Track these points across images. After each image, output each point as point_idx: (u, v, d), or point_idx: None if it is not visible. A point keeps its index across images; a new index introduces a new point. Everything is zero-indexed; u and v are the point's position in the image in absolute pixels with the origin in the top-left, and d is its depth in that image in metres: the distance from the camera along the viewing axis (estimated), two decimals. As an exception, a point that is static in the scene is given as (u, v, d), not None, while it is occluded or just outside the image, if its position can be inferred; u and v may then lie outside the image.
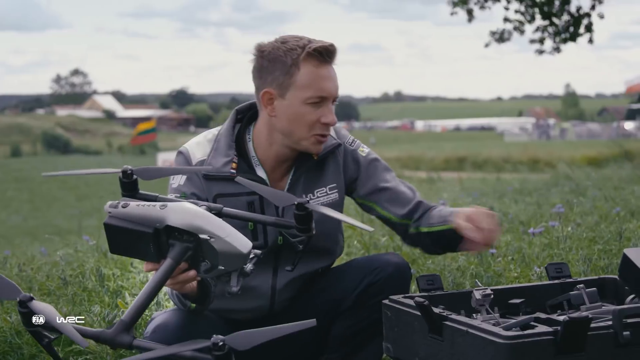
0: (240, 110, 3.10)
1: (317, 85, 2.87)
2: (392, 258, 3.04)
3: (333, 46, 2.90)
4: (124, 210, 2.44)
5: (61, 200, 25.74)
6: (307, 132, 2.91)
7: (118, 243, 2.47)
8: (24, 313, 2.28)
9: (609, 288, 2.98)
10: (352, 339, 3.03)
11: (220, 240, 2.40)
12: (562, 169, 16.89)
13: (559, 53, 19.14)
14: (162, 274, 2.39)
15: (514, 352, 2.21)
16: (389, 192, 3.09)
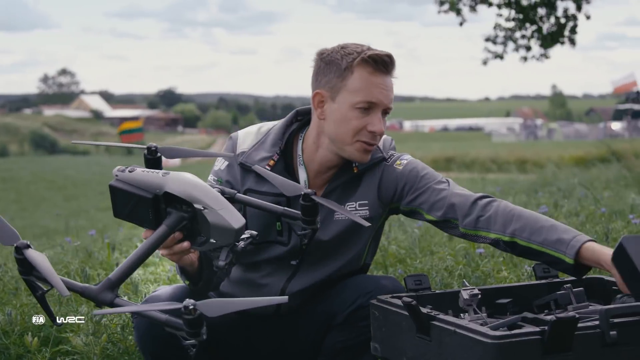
0: (300, 112, 3.10)
1: (368, 91, 2.85)
2: (387, 284, 2.98)
3: (391, 57, 2.89)
4: (130, 175, 2.49)
5: (49, 201, 25.66)
6: (351, 138, 2.89)
7: (121, 207, 2.51)
8: (20, 260, 2.30)
9: (596, 288, 2.99)
10: (342, 353, 3.03)
11: (213, 212, 2.42)
12: (549, 170, 16.92)
13: (547, 59, 19.15)
14: (156, 239, 2.43)
15: (501, 352, 2.21)
16: (429, 195, 2.99)
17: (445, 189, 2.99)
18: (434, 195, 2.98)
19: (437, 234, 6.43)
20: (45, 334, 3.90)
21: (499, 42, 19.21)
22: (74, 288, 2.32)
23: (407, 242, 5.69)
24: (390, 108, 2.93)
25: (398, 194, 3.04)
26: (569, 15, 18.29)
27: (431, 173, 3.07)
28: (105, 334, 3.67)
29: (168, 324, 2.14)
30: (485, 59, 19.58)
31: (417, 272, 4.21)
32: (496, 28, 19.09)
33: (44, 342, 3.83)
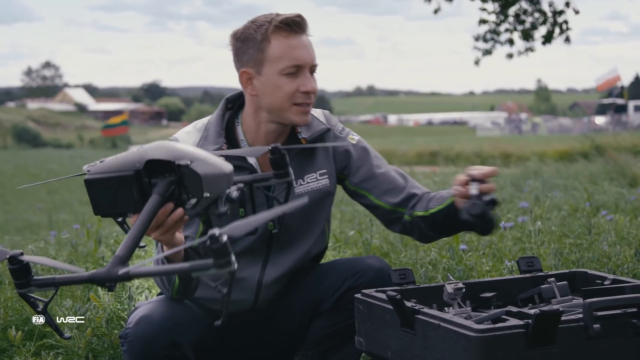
0: (230, 99, 3.12)
1: (289, 55, 2.89)
2: (374, 263, 3.02)
3: (300, 16, 2.93)
4: (102, 165, 2.45)
5: (32, 194, 25.52)
6: (288, 103, 2.92)
7: (101, 200, 2.44)
8: (16, 270, 2.21)
9: (579, 281, 3.01)
10: (329, 340, 3.03)
11: (202, 162, 2.40)
12: (533, 164, 16.96)
13: (532, 52, 19.14)
14: (150, 209, 2.38)
15: (485, 346, 2.22)
16: (382, 180, 3.09)
17: (400, 178, 3.10)
18: (387, 182, 3.08)
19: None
20: (29, 327, 3.89)
21: (488, 39, 19.19)
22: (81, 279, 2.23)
23: (392, 236, 5.69)
24: (315, 65, 2.96)
25: (349, 167, 3.11)
26: (556, 10, 18.27)
27: (383, 160, 3.17)
28: (90, 328, 3.66)
29: (194, 269, 2.11)
30: (477, 59, 19.57)
31: (401, 266, 4.22)
32: (481, 23, 19.07)
33: (28, 336, 3.82)
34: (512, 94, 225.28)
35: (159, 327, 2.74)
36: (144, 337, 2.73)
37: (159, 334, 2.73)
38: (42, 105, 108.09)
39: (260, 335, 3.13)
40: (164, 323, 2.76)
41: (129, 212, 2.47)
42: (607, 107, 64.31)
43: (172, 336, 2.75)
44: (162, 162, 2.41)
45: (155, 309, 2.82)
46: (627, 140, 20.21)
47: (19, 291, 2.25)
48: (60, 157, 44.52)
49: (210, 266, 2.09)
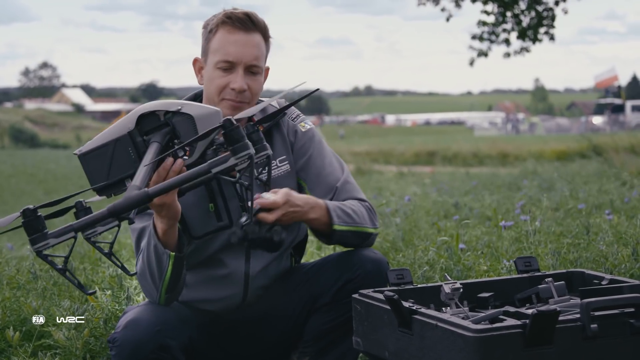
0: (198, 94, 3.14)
1: (224, 49, 2.92)
2: (369, 254, 3.01)
3: (249, 15, 2.94)
4: (92, 140, 2.51)
5: (29, 194, 25.47)
6: (217, 97, 2.95)
7: (97, 171, 2.48)
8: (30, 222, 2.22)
9: (577, 281, 3.01)
10: (328, 335, 3.02)
11: (191, 105, 2.48)
12: (530, 164, 16.98)
13: (528, 52, 19.18)
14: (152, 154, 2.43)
15: (482, 346, 2.22)
16: (316, 173, 3.07)
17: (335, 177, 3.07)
18: (321, 176, 3.06)
19: (421, 227, 6.45)
20: (27, 328, 3.89)
21: (485, 39, 19.21)
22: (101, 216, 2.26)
23: (391, 236, 5.70)
24: (253, 65, 2.95)
25: (295, 152, 3.10)
26: (548, 8, 18.31)
27: (330, 154, 3.14)
28: (88, 329, 3.66)
29: (214, 165, 2.22)
30: (472, 59, 19.58)
31: (399, 266, 4.23)
32: (479, 24, 19.10)
33: (25, 337, 3.82)
34: (510, 93, 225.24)
35: (146, 330, 2.74)
36: (132, 341, 2.73)
37: (147, 337, 2.73)
38: (40, 105, 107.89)
39: (254, 335, 3.12)
40: (152, 326, 2.76)
41: (128, 178, 2.48)
42: (604, 107, 64.34)
43: (160, 339, 2.75)
44: (152, 121, 2.46)
45: (143, 312, 2.82)
46: (624, 140, 20.22)
47: (36, 248, 2.23)
48: (57, 157, 44.43)
49: (229, 156, 2.12)
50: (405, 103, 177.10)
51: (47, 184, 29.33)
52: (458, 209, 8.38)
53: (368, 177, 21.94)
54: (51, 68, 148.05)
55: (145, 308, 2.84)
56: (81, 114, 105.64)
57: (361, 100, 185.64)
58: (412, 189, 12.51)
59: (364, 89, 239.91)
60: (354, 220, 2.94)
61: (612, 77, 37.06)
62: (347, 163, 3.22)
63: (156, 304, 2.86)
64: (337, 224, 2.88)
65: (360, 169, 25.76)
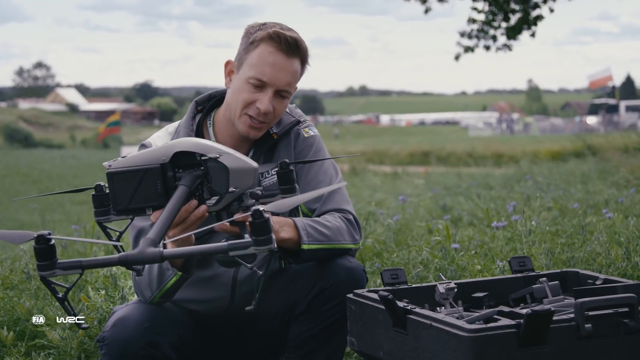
0: (199, 102, 3.14)
1: (261, 68, 2.88)
2: (345, 263, 2.95)
3: (296, 40, 2.90)
4: (125, 159, 2.47)
5: (23, 194, 25.45)
6: (240, 110, 2.92)
7: (122, 194, 2.45)
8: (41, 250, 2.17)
9: (571, 281, 3.01)
10: (309, 342, 3.00)
11: (231, 156, 2.44)
12: (525, 164, 17.00)
13: (510, 50, 19.24)
14: (178, 198, 2.39)
15: (477, 345, 2.22)
16: (308, 178, 3.06)
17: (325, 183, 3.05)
18: (312, 184, 3.04)
19: (414, 227, 6.45)
20: (20, 328, 3.88)
21: (473, 36, 19.25)
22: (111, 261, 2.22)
23: (384, 236, 5.70)
24: (285, 91, 2.93)
25: (295, 157, 3.09)
26: (533, 5, 18.34)
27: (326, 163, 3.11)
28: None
29: (233, 248, 2.13)
30: (458, 53, 19.63)
31: (393, 266, 4.23)
32: (470, 22, 19.14)
33: (19, 337, 3.81)
34: (504, 94, 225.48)
35: (135, 327, 2.74)
36: (121, 338, 2.72)
37: (136, 334, 2.73)
38: (34, 105, 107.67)
39: (241, 336, 3.12)
40: (141, 323, 2.75)
41: (149, 207, 2.47)
42: (599, 107, 64.44)
43: (149, 336, 2.74)
44: (187, 158, 2.44)
45: (132, 310, 2.81)
46: (618, 141, 20.25)
47: (42, 274, 2.21)
48: (51, 157, 44.39)
49: (250, 244, 2.11)
50: (399, 103, 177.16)
51: (42, 183, 29.30)
52: (448, 209, 8.39)
53: (362, 177, 21.94)
54: (45, 68, 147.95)
55: (134, 306, 2.84)
56: (75, 113, 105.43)
57: (356, 100, 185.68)
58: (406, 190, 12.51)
59: (358, 89, 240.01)
60: (327, 237, 2.88)
61: (606, 77, 37.08)
62: (341, 163, 3.21)
63: (146, 304, 2.86)
64: (307, 243, 2.83)
65: (355, 169, 25.78)
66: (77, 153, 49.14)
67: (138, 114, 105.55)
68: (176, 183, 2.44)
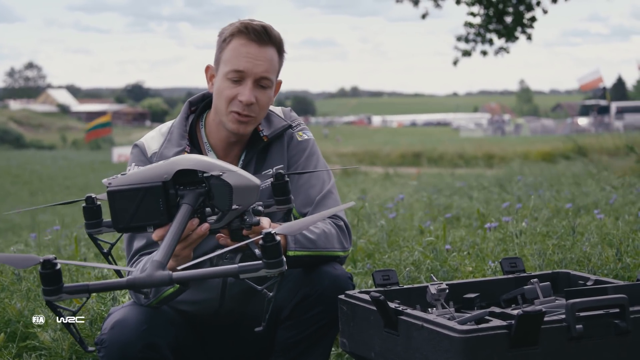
0: (193, 102, 3.13)
1: (235, 60, 2.88)
2: (329, 270, 2.92)
3: (265, 28, 2.90)
4: (125, 177, 2.45)
5: (14, 195, 25.42)
6: (226, 109, 2.92)
7: (122, 212, 2.44)
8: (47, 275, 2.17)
9: (562, 282, 3.02)
10: (296, 347, 2.98)
11: (234, 174, 2.44)
12: (516, 165, 17.03)
13: (507, 53, 19.26)
14: (182, 217, 2.39)
15: (468, 346, 2.23)
16: (300, 182, 3.05)
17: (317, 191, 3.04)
18: (304, 188, 3.04)
19: (406, 228, 6.46)
20: (11, 329, 3.87)
21: (471, 40, 19.26)
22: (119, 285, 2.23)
23: (376, 237, 5.70)
24: (264, 78, 2.92)
25: (287, 160, 3.08)
26: (530, 6, 18.36)
27: (318, 164, 3.11)
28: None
29: (244, 270, 2.13)
30: (456, 58, 19.63)
31: (385, 267, 4.23)
32: (466, 26, 19.14)
33: (10, 338, 3.80)
34: (495, 95, 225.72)
35: (134, 330, 2.73)
36: (120, 341, 2.71)
37: (135, 336, 2.72)
38: (25, 106, 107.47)
39: (232, 338, 3.12)
40: (139, 325, 2.75)
41: (151, 225, 2.45)
42: (590, 108, 64.59)
43: (148, 338, 2.74)
44: (189, 176, 2.43)
45: (129, 312, 2.80)
46: (608, 142, 20.30)
47: (47, 299, 2.20)
48: (42, 158, 44.32)
49: (261, 267, 2.10)
50: (391, 104, 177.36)
51: (32, 184, 29.25)
52: (443, 210, 8.40)
53: (354, 178, 21.96)
54: (36, 68, 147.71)
55: (131, 308, 2.83)
56: (66, 114, 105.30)
57: (347, 102, 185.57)
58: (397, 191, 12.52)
59: (350, 90, 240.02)
60: (316, 245, 2.85)
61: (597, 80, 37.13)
62: (333, 164, 3.21)
63: (141, 305, 2.85)
64: (293, 250, 2.80)
65: (346, 170, 25.80)
66: (68, 154, 49.05)
67: (129, 115, 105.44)
68: (179, 201, 2.44)
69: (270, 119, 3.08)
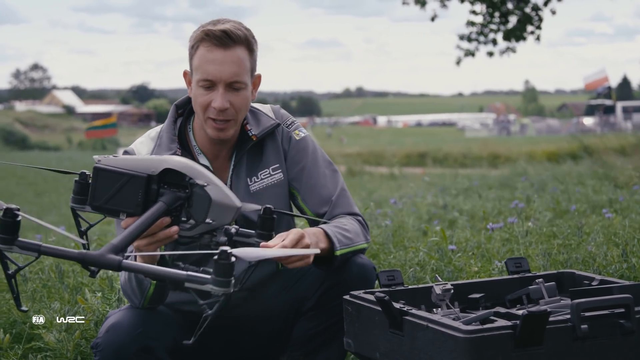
0: (179, 105, 3.12)
1: (203, 68, 2.87)
2: (356, 259, 2.95)
3: (227, 32, 2.86)
4: (116, 159, 2.46)
5: (20, 196, 25.40)
6: (203, 115, 2.91)
7: (102, 192, 2.44)
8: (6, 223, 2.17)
9: (567, 282, 3.02)
10: (315, 339, 3.00)
11: (217, 189, 2.43)
12: (521, 165, 17.01)
13: (514, 52, 19.23)
14: (153, 213, 2.39)
15: (473, 347, 2.22)
16: (311, 183, 3.06)
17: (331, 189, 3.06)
18: (316, 187, 3.05)
19: (410, 229, 6.45)
20: (17, 330, 3.88)
21: (473, 39, 19.24)
22: (70, 255, 2.21)
23: (381, 237, 5.70)
24: (236, 82, 2.89)
25: (288, 161, 3.09)
26: (535, 8, 18.33)
27: (325, 164, 3.12)
28: (79, 330, 3.65)
29: (191, 280, 2.10)
30: (458, 58, 19.61)
31: (390, 267, 4.23)
32: (468, 25, 19.13)
33: (16, 339, 3.81)
34: (501, 95, 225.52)
35: (128, 333, 2.73)
36: (114, 344, 2.72)
37: (129, 339, 2.72)
38: (30, 107, 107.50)
39: (240, 337, 3.11)
40: (134, 329, 2.75)
41: (124, 213, 2.46)
42: (595, 108, 64.48)
43: (142, 341, 2.74)
44: (175, 177, 2.43)
45: (125, 316, 2.81)
46: (613, 142, 20.28)
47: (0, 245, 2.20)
48: (48, 159, 44.30)
49: (208, 281, 2.08)
50: (396, 104, 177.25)
51: (37, 186, 29.26)
52: (448, 210, 8.39)
53: (359, 178, 21.95)
54: (42, 70, 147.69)
55: (127, 312, 2.83)
56: (72, 115, 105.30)
57: (352, 102, 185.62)
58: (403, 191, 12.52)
59: (355, 91, 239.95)
60: (352, 240, 2.91)
61: (602, 79, 37.10)
62: (338, 165, 3.21)
63: (138, 308, 2.85)
64: (339, 249, 2.84)
65: (352, 170, 25.79)
66: (73, 155, 49.01)
67: (135, 116, 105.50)
68: (157, 198, 2.44)
69: (259, 118, 3.07)
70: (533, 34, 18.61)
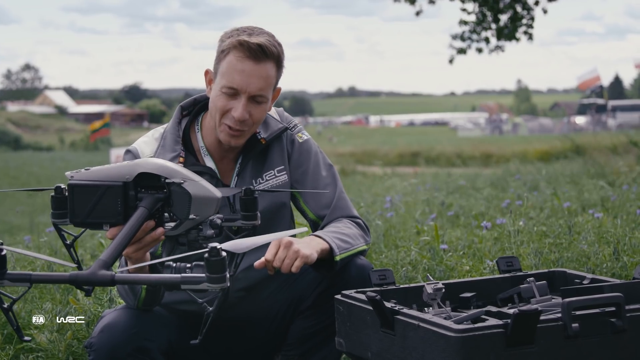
0: (185, 106, 3.12)
1: (230, 76, 2.87)
2: (355, 259, 2.97)
3: (262, 46, 2.87)
4: (88, 172, 2.44)
5: (12, 197, 25.38)
6: (219, 119, 2.92)
7: (80, 207, 2.42)
8: None
9: (558, 281, 3.02)
10: (311, 338, 3.01)
11: (195, 184, 2.42)
12: (514, 164, 17.03)
13: (503, 52, 19.26)
14: (136, 220, 2.37)
15: (464, 346, 2.23)
16: (312, 185, 3.09)
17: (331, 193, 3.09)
18: (321, 188, 3.08)
19: (402, 228, 6.46)
20: (9, 331, 3.87)
21: (466, 38, 19.26)
22: (61, 279, 2.19)
23: (373, 237, 5.70)
24: (259, 96, 2.90)
25: (292, 163, 3.11)
26: (527, 7, 18.36)
27: (323, 164, 3.15)
28: (70, 331, 3.65)
29: (186, 282, 2.10)
30: (451, 57, 19.63)
31: (381, 267, 4.23)
32: (461, 24, 19.14)
33: (7, 340, 3.80)
34: (493, 94, 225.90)
35: (122, 333, 2.73)
36: (108, 344, 2.71)
37: (123, 340, 2.72)
38: (22, 107, 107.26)
39: (237, 336, 3.11)
40: (128, 329, 2.75)
41: (106, 224, 2.44)
42: (587, 107, 64.63)
43: (137, 342, 2.74)
44: (150, 179, 2.42)
45: (119, 316, 2.81)
46: (606, 140, 20.32)
47: None
48: (40, 159, 44.26)
49: (203, 280, 2.08)
50: (388, 104, 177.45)
51: (30, 186, 29.19)
52: (443, 208, 8.40)
53: (352, 177, 21.96)
54: (34, 70, 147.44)
55: (122, 312, 2.83)
56: (64, 116, 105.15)
57: (345, 102, 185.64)
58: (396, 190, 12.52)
59: (347, 90, 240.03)
60: (350, 244, 2.93)
61: (595, 78, 37.22)
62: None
63: (133, 309, 2.85)
64: (339, 254, 2.86)
65: (344, 169, 25.80)
66: (66, 155, 48.95)
67: (127, 116, 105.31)
68: (137, 203, 2.43)
69: (267, 122, 3.09)
70: (526, 34, 18.63)
